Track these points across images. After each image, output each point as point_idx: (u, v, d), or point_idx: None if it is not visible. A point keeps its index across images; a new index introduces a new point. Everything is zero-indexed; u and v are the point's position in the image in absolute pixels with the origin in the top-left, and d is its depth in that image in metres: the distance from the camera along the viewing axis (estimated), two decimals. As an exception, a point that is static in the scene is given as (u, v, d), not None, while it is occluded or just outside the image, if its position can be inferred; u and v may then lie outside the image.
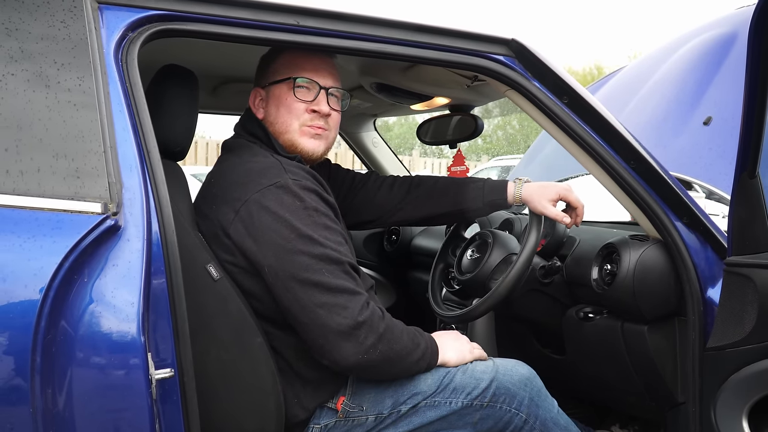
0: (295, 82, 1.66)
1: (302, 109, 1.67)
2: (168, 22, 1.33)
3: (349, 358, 1.45)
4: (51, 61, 1.18)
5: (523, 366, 1.71)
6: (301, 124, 1.67)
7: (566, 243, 2.13)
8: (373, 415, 1.59)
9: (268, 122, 1.70)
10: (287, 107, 1.67)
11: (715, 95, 2.67)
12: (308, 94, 1.67)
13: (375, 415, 1.59)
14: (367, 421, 1.59)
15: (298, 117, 1.67)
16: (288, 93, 1.67)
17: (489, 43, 1.63)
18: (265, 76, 1.74)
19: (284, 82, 1.67)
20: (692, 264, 1.70)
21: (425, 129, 2.70)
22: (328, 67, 1.72)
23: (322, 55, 1.71)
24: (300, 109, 1.67)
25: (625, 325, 1.85)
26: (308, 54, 1.69)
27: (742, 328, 1.51)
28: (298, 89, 1.66)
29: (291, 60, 1.69)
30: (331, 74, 1.72)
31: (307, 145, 1.68)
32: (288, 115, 1.67)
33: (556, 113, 1.67)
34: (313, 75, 1.67)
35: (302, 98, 1.67)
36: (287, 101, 1.67)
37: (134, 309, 1.12)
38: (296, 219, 1.47)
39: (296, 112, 1.67)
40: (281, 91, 1.68)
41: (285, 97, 1.67)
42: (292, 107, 1.67)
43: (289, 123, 1.67)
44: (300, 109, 1.67)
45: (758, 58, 1.37)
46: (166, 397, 1.20)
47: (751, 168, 1.45)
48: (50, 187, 1.11)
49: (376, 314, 1.49)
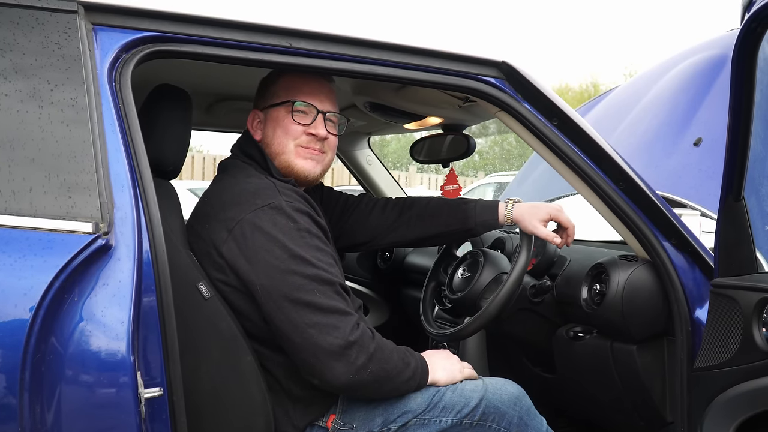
0: (293, 105, 1.68)
1: (299, 131, 1.69)
2: (161, 44, 1.35)
3: (340, 377, 1.46)
4: (45, 81, 1.19)
5: (512, 385, 1.71)
6: (297, 145, 1.69)
7: (557, 262, 2.14)
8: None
9: (265, 144, 1.72)
10: (284, 129, 1.69)
11: (706, 116, 2.70)
12: (306, 117, 1.69)
13: None
14: None
15: (295, 138, 1.69)
16: (286, 116, 1.69)
17: (479, 65, 1.65)
18: (264, 98, 1.76)
19: (282, 105, 1.69)
20: (680, 284, 1.72)
21: (419, 147, 2.71)
22: (327, 92, 1.74)
23: (320, 80, 1.73)
24: (297, 131, 1.69)
25: (615, 345, 1.86)
26: (307, 78, 1.71)
27: (728, 349, 1.52)
28: (296, 113, 1.68)
29: (290, 84, 1.71)
30: (329, 99, 1.74)
31: (302, 166, 1.70)
32: (285, 136, 1.69)
33: (546, 135, 1.68)
34: (311, 99, 1.70)
35: (300, 121, 1.68)
36: (284, 123, 1.69)
37: (124, 327, 1.13)
38: (289, 240, 1.49)
39: (293, 133, 1.68)
40: (279, 113, 1.70)
41: (283, 119, 1.69)
42: (289, 129, 1.69)
43: (285, 144, 1.69)
44: (297, 132, 1.69)
45: (741, 82, 1.39)
46: (155, 416, 1.21)
47: (737, 191, 1.47)
48: (42, 206, 1.12)
49: (367, 334, 1.50)
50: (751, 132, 1.41)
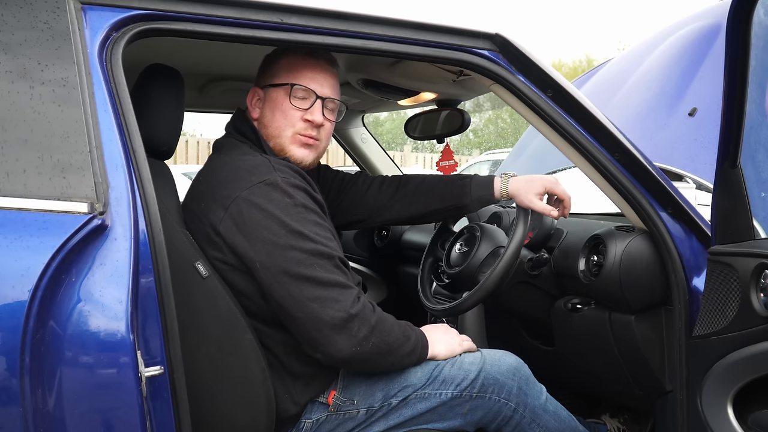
0: (292, 88, 1.67)
1: (297, 117, 1.68)
2: (152, 22, 1.33)
3: (342, 350, 1.46)
4: (35, 62, 1.18)
5: (510, 356, 1.73)
6: (295, 132, 1.68)
7: (554, 235, 2.14)
8: (363, 408, 1.61)
9: (262, 124, 1.71)
10: (283, 112, 1.68)
11: (700, 87, 2.69)
12: (304, 102, 1.68)
13: (366, 408, 1.61)
14: (358, 414, 1.61)
15: (293, 125, 1.68)
16: (285, 98, 1.68)
17: (473, 38, 1.64)
18: (264, 77, 1.74)
19: (282, 87, 1.68)
20: (677, 254, 1.72)
21: (413, 124, 2.71)
22: (328, 77, 1.72)
23: (322, 63, 1.72)
24: (295, 116, 1.68)
25: (613, 316, 1.86)
26: (309, 61, 1.70)
27: (726, 316, 1.52)
28: (294, 97, 1.67)
29: (291, 65, 1.69)
30: (330, 84, 1.72)
31: (296, 153, 1.69)
32: (283, 120, 1.68)
33: (541, 107, 1.68)
34: (311, 83, 1.68)
35: (298, 106, 1.68)
36: (283, 107, 1.68)
37: (123, 307, 1.13)
38: (286, 215, 1.49)
39: (291, 119, 1.68)
40: (278, 95, 1.69)
41: (281, 102, 1.68)
42: (288, 113, 1.68)
43: (282, 128, 1.68)
44: (295, 117, 1.68)
45: (736, 49, 1.38)
46: (156, 395, 1.21)
47: (733, 158, 1.46)
48: (36, 187, 1.12)
49: (368, 307, 1.51)
50: (747, 98, 1.41)
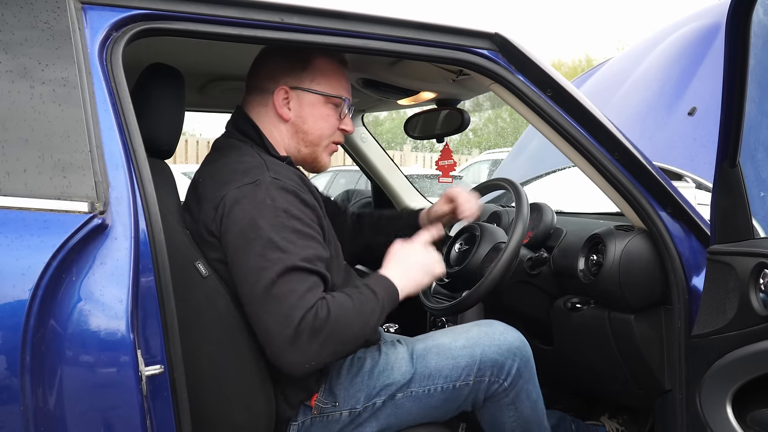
0: (343, 102, 1.70)
1: (336, 126, 1.71)
2: (152, 21, 1.33)
3: (295, 366, 1.40)
4: (35, 62, 1.18)
5: (512, 333, 1.69)
6: (331, 141, 1.71)
7: (553, 234, 2.15)
8: (346, 410, 1.58)
9: (295, 127, 1.68)
10: (329, 124, 1.69)
11: (699, 86, 2.69)
12: (346, 114, 1.72)
13: (348, 410, 1.58)
14: (341, 417, 1.58)
15: (332, 134, 1.71)
16: (332, 111, 1.69)
17: (472, 38, 1.64)
18: (294, 77, 1.66)
19: (328, 98, 1.67)
20: (677, 253, 1.72)
21: (413, 123, 2.71)
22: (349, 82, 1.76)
23: (347, 70, 1.73)
24: (335, 126, 1.71)
25: (612, 315, 1.87)
26: (340, 68, 1.71)
27: (725, 315, 1.53)
28: (342, 111, 1.70)
29: (331, 73, 1.68)
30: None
31: (326, 160, 1.73)
32: (328, 130, 1.70)
33: (541, 106, 1.68)
34: (348, 94, 1.72)
35: (341, 117, 1.71)
36: (330, 118, 1.69)
37: (123, 306, 1.13)
38: (261, 218, 1.44)
39: (332, 128, 1.70)
40: (321, 105, 1.68)
41: (327, 112, 1.68)
42: (332, 124, 1.70)
43: (324, 137, 1.70)
44: (334, 126, 1.71)
45: (735, 48, 1.38)
46: (156, 394, 1.21)
47: (732, 157, 1.47)
48: (37, 187, 1.12)
49: (320, 317, 1.40)
50: (746, 97, 1.41)
